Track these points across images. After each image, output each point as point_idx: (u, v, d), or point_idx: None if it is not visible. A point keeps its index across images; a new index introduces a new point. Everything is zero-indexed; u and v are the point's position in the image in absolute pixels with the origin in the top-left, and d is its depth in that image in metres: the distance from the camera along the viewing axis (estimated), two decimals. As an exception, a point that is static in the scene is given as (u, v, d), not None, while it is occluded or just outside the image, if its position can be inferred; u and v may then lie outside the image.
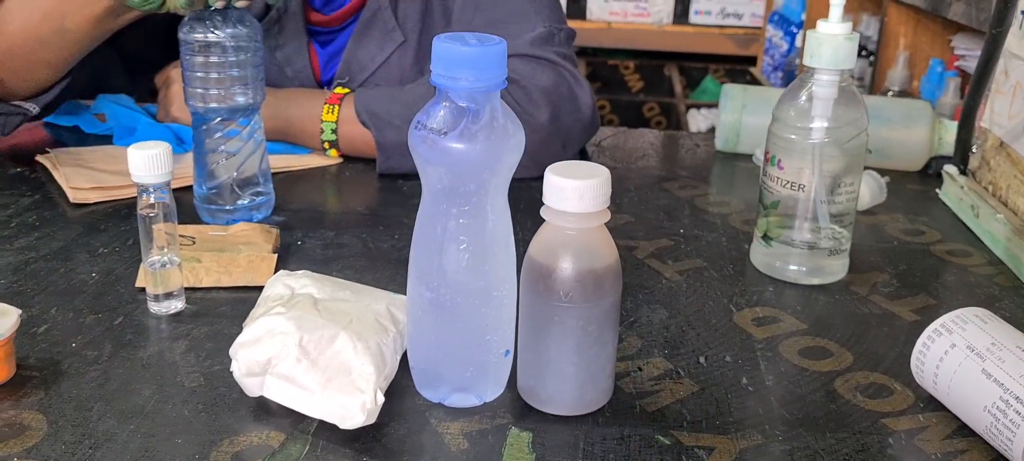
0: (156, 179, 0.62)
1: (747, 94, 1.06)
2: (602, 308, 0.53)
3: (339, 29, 1.05)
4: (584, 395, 0.55)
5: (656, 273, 0.76)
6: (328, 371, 0.52)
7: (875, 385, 0.60)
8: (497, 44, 0.51)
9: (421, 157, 0.52)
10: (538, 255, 0.53)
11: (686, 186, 0.97)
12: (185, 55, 0.76)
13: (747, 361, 0.63)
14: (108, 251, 0.75)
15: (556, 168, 0.52)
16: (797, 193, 0.72)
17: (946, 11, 1.46)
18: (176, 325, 0.64)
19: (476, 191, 0.52)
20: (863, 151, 0.72)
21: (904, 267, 0.79)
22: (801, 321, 0.68)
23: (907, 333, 0.67)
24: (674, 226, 0.86)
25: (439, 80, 0.50)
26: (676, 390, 0.59)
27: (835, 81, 0.70)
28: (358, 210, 0.87)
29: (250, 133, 0.80)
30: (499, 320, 0.54)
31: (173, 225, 0.65)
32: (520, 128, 0.53)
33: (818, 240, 0.73)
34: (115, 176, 0.88)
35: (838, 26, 0.70)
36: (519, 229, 0.55)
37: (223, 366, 0.59)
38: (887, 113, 1.01)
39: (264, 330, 0.54)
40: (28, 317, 0.64)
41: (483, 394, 0.56)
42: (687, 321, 0.68)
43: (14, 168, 0.94)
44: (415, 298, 0.55)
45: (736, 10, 3.44)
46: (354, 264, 0.75)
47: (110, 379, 0.57)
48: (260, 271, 0.70)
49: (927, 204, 0.94)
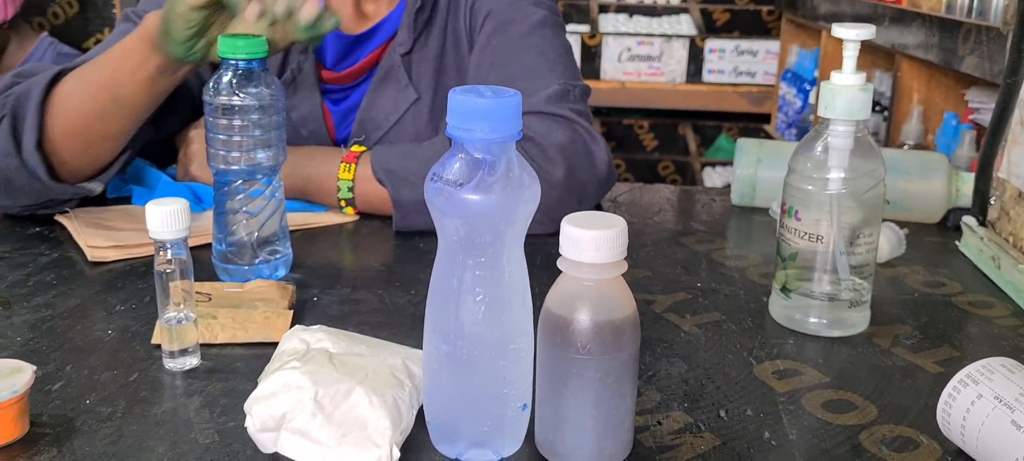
0: (173, 235, 0.62)
1: (762, 148, 1.06)
2: (621, 360, 0.52)
3: (352, 86, 1.06)
4: (603, 449, 0.54)
5: (674, 327, 0.75)
6: (343, 426, 0.52)
7: (901, 438, 0.59)
8: (512, 96, 0.51)
9: (437, 209, 0.51)
10: (555, 307, 0.53)
11: (703, 240, 0.97)
12: (209, 116, 0.77)
13: (769, 415, 0.61)
14: (125, 308, 0.75)
15: (572, 219, 0.52)
16: (816, 244, 0.72)
17: (959, 64, 1.46)
18: (191, 381, 0.64)
19: (492, 243, 0.51)
20: (881, 202, 0.72)
21: (926, 319, 0.78)
22: (823, 374, 0.67)
23: (932, 385, 0.66)
24: (691, 280, 0.85)
25: (455, 132, 0.51)
26: (697, 444, 0.58)
27: (851, 132, 0.70)
28: (374, 267, 0.87)
29: (272, 193, 0.80)
30: (517, 373, 0.54)
31: (189, 282, 0.65)
32: (536, 180, 0.53)
33: (838, 292, 0.72)
34: (133, 234, 0.88)
35: (852, 77, 0.70)
36: (535, 284, 0.55)
37: (238, 423, 0.58)
38: (904, 165, 1.01)
39: (279, 385, 0.53)
40: (43, 374, 0.64)
41: (500, 449, 0.55)
42: (706, 374, 0.67)
43: (33, 227, 0.95)
44: (431, 351, 0.54)
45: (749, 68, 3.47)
46: (370, 320, 0.74)
47: (123, 436, 0.57)
48: (276, 327, 0.70)
49: (947, 256, 0.93)
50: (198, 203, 0.97)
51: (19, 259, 0.86)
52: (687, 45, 3.46)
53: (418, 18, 1.03)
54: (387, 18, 1.06)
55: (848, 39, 0.70)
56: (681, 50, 3.45)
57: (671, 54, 3.46)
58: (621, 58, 3.45)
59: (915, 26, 1.71)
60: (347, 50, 1.06)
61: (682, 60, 3.47)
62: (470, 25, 1.06)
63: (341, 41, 1.05)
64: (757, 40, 3.47)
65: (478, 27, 1.04)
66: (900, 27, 1.79)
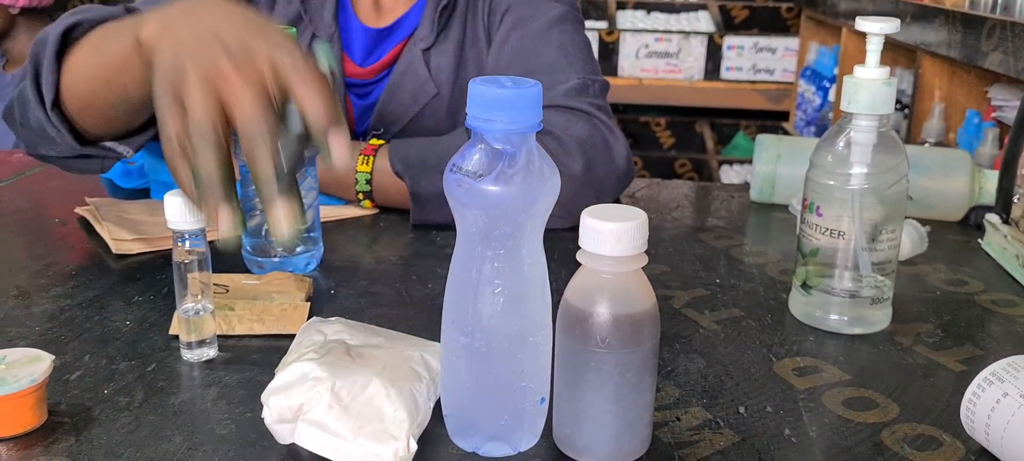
0: (192, 226, 0.62)
1: (782, 144, 1.05)
2: (640, 354, 0.52)
3: (374, 81, 1.06)
4: (622, 445, 0.54)
5: (693, 323, 0.74)
6: (360, 418, 0.51)
7: (923, 437, 0.58)
8: (533, 86, 0.51)
9: (456, 200, 0.51)
10: (574, 300, 0.52)
11: (721, 236, 0.96)
12: None
13: (789, 412, 0.61)
14: (143, 299, 0.75)
15: (592, 211, 0.51)
16: (837, 240, 0.71)
17: (982, 61, 1.44)
18: (208, 372, 0.64)
19: (512, 234, 0.51)
20: (904, 198, 0.71)
21: (948, 317, 0.77)
22: (844, 371, 0.67)
23: (954, 383, 0.65)
24: (710, 276, 0.84)
25: (475, 123, 0.50)
26: (716, 441, 0.57)
27: (874, 127, 0.69)
28: (391, 260, 0.87)
29: (309, 186, 0.80)
30: (535, 367, 0.53)
31: (207, 273, 0.65)
32: (556, 172, 0.52)
33: (860, 289, 0.72)
34: (156, 227, 0.89)
35: (875, 71, 0.69)
36: (554, 279, 0.54)
37: (254, 413, 0.58)
38: (926, 163, 1.00)
39: (296, 376, 0.53)
40: (61, 364, 0.64)
41: (518, 443, 0.55)
42: (725, 371, 0.66)
43: (52, 218, 0.95)
44: (449, 344, 0.54)
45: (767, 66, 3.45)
46: (387, 313, 0.74)
47: (141, 426, 0.57)
48: (293, 319, 0.70)
49: (969, 254, 0.92)
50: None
51: (38, 249, 0.87)
52: (705, 42, 3.45)
53: (441, 14, 1.03)
54: (408, 13, 1.06)
55: (872, 32, 0.69)
56: (699, 47, 3.44)
57: (689, 51, 3.44)
58: (639, 55, 3.44)
59: (937, 22, 1.69)
60: (371, 45, 1.06)
61: (700, 57, 3.45)
62: (488, 21, 1.05)
63: (366, 35, 1.05)
64: (776, 37, 3.45)
65: (496, 23, 1.04)
66: (922, 24, 1.78)
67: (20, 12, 2.18)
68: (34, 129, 0.84)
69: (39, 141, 0.86)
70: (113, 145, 0.87)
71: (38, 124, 0.84)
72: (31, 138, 0.86)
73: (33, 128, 0.84)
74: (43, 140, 0.86)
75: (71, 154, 0.86)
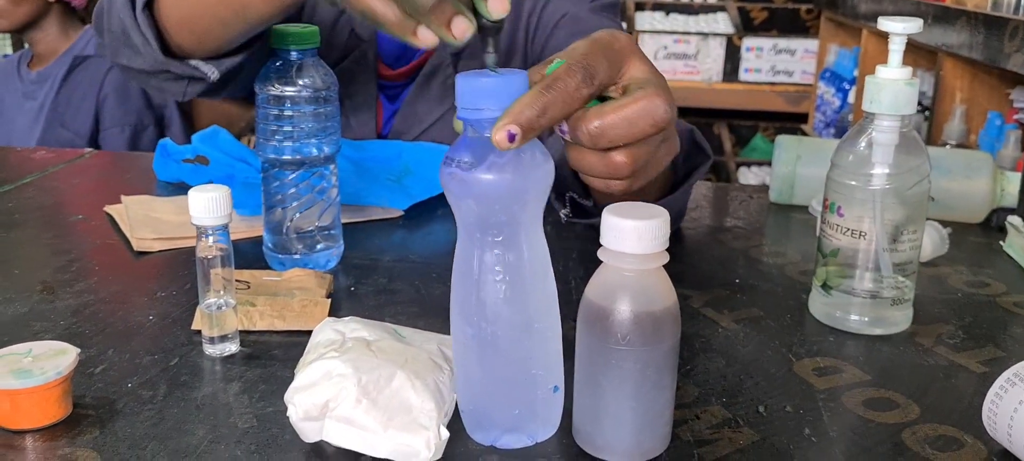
0: (215, 221, 0.63)
1: (802, 145, 1.05)
2: (661, 351, 0.52)
3: (405, 84, 1.06)
4: (641, 442, 0.54)
5: (712, 322, 0.74)
6: (389, 410, 0.52)
7: (944, 438, 0.58)
8: (518, 75, 0.51)
9: (452, 193, 0.52)
10: (595, 297, 0.52)
11: (740, 237, 0.96)
12: (260, 107, 0.77)
13: (809, 411, 0.61)
14: (165, 294, 0.76)
15: (614, 209, 0.51)
16: (858, 241, 0.71)
17: (1005, 62, 1.43)
18: (230, 367, 0.64)
19: (507, 222, 0.51)
20: (925, 198, 0.71)
21: (970, 319, 0.76)
22: (864, 372, 0.66)
23: (976, 385, 0.65)
24: (729, 276, 0.84)
25: (464, 114, 0.51)
26: (735, 439, 0.57)
27: (896, 127, 0.69)
28: (411, 258, 0.87)
29: (327, 184, 0.80)
30: (544, 354, 0.54)
31: (229, 269, 0.65)
32: (549, 158, 0.52)
33: (880, 289, 0.71)
34: (180, 227, 0.89)
35: (898, 71, 0.69)
36: (573, 276, 0.55)
37: (276, 408, 0.59)
38: (947, 164, 0.99)
39: (320, 373, 0.54)
40: (86, 357, 0.65)
41: (535, 434, 0.55)
42: (745, 370, 0.66)
43: (76, 215, 0.96)
44: (458, 337, 0.54)
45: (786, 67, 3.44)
46: (406, 310, 0.75)
47: (164, 419, 0.58)
48: (313, 316, 0.70)
49: (991, 256, 0.92)
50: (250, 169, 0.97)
51: (62, 245, 0.88)
52: (724, 44, 3.44)
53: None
54: None
55: (895, 32, 0.69)
56: (718, 48, 3.43)
57: (707, 52, 3.44)
58: (657, 56, 3.43)
59: (959, 24, 1.68)
60: (403, 47, 1.06)
61: (718, 58, 3.44)
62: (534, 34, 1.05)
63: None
64: (795, 39, 3.44)
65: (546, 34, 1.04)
66: (943, 25, 1.77)
67: (56, 1, 2.19)
68: (116, 34, 0.81)
69: (120, 47, 0.82)
70: (198, 64, 0.83)
71: (122, 28, 0.80)
72: (113, 45, 0.83)
73: (115, 33, 0.81)
74: (125, 47, 0.82)
75: (152, 67, 0.82)
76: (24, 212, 0.97)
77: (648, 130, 0.54)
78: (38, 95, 2.22)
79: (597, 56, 0.54)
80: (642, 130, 0.54)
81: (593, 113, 0.53)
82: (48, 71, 2.23)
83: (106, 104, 2.17)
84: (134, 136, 2.18)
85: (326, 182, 0.80)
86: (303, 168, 0.78)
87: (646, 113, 0.54)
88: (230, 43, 0.80)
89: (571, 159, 0.58)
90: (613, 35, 0.58)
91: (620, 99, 0.54)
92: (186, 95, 0.86)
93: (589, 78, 0.53)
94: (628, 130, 0.54)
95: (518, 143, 0.49)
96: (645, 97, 0.54)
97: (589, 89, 0.53)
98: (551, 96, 0.51)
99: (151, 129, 2.22)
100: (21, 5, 2.15)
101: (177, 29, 0.80)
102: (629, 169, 0.56)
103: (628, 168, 0.56)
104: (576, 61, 0.53)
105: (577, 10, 1.02)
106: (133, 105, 2.19)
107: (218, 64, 0.83)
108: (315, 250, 0.81)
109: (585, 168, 0.57)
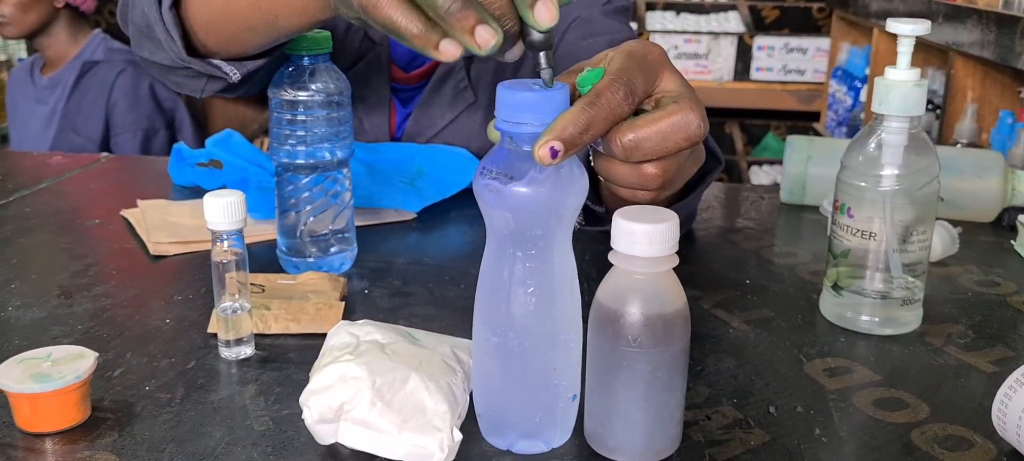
0: (230, 226, 0.64)
1: (813, 145, 1.05)
2: (671, 353, 0.52)
3: (418, 88, 1.07)
4: (652, 443, 0.54)
5: (723, 323, 0.75)
6: (403, 412, 0.53)
7: (954, 438, 0.58)
8: (560, 89, 0.51)
9: (486, 203, 0.52)
10: (606, 300, 0.53)
11: (751, 238, 0.96)
12: (273, 111, 0.77)
13: (820, 412, 0.61)
14: (182, 298, 0.77)
15: (625, 212, 0.52)
16: (868, 242, 0.71)
17: (1016, 61, 1.43)
18: (246, 370, 0.65)
19: (542, 235, 0.52)
20: (935, 199, 0.71)
21: (980, 318, 0.77)
22: (874, 372, 0.67)
23: (986, 385, 0.65)
24: (740, 277, 0.85)
25: (503, 126, 0.51)
26: (746, 439, 0.58)
27: (905, 128, 0.69)
28: (425, 261, 0.88)
29: (340, 188, 0.81)
30: (566, 364, 0.54)
31: (244, 273, 0.66)
32: (585, 173, 0.53)
33: (891, 290, 0.72)
34: (196, 230, 0.90)
35: (906, 72, 0.69)
36: (585, 280, 0.55)
37: (291, 410, 0.59)
38: (957, 163, 0.99)
39: (335, 376, 0.54)
40: (104, 361, 0.65)
41: (550, 440, 0.56)
42: (756, 371, 0.67)
43: (93, 220, 0.97)
44: (480, 344, 0.55)
45: (798, 66, 3.43)
46: (420, 313, 0.75)
47: (182, 422, 0.58)
48: (328, 319, 0.71)
49: (1001, 255, 0.92)
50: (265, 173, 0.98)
51: (79, 250, 0.89)
52: (735, 43, 3.43)
53: None
54: None
55: (903, 34, 0.69)
56: (729, 48, 3.43)
57: (718, 52, 3.43)
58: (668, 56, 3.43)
59: (970, 22, 1.68)
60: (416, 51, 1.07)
61: (730, 58, 3.44)
62: None
63: None
64: (807, 37, 3.43)
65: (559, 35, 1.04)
66: (954, 24, 1.76)
67: (64, 6, 2.20)
68: (140, 27, 0.80)
69: (143, 40, 0.82)
70: (220, 64, 0.83)
71: (145, 22, 0.79)
72: (136, 36, 0.82)
73: (139, 26, 0.80)
74: (148, 40, 0.81)
75: (173, 63, 0.82)
76: (41, 217, 0.99)
77: (682, 144, 0.54)
78: (50, 100, 2.23)
79: (635, 70, 0.55)
80: (676, 144, 0.54)
81: (627, 126, 0.54)
82: (59, 76, 2.24)
83: (116, 109, 2.18)
84: (145, 140, 2.19)
85: (339, 186, 0.81)
86: (316, 172, 0.79)
87: (680, 128, 0.54)
88: (256, 49, 0.80)
89: (600, 169, 0.58)
90: (646, 47, 0.58)
91: (654, 112, 0.54)
92: (204, 92, 0.86)
93: (630, 94, 0.53)
94: (662, 144, 0.54)
95: (560, 159, 0.50)
96: (680, 111, 0.54)
97: (630, 105, 0.54)
98: (594, 112, 0.51)
99: (162, 133, 2.23)
100: (30, 12, 2.17)
101: (203, 30, 0.80)
102: (660, 181, 0.56)
103: (659, 180, 0.56)
104: (616, 76, 0.53)
105: (589, 13, 1.03)
106: (144, 109, 2.20)
107: (240, 65, 0.83)
108: (329, 253, 0.82)
109: (615, 178, 0.57)
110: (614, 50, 0.57)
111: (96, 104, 2.18)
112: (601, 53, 0.59)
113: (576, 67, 0.59)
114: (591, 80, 0.54)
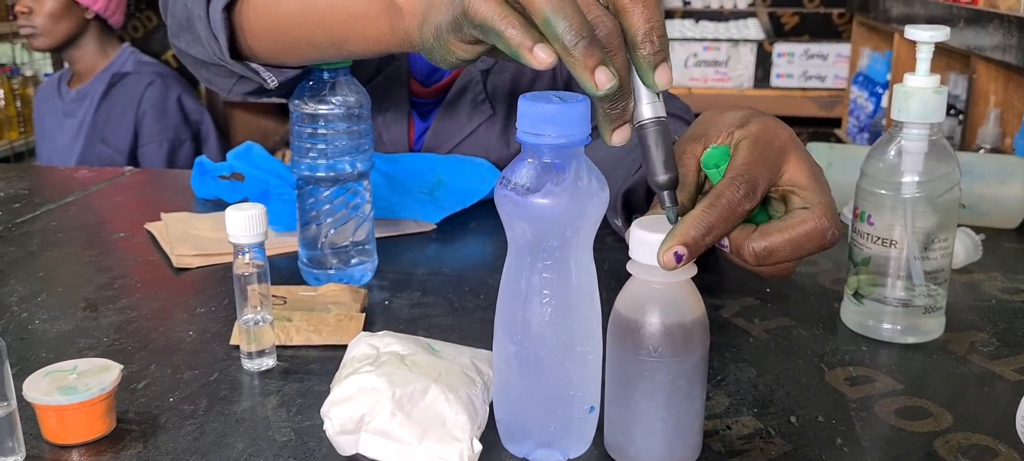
0: (252, 239, 0.64)
1: (833, 152, 1.05)
2: (691, 362, 0.52)
3: (437, 101, 1.08)
4: (672, 452, 0.54)
5: (742, 332, 0.74)
6: (423, 423, 0.53)
7: (978, 447, 0.58)
8: (581, 101, 0.52)
9: (506, 214, 0.52)
10: (625, 310, 0.53)
11: (772, 246, 0.96)
12: (294, 124, 0.78)
13: (841, 421, 0.61)
14: (205, 311, 0.78)
15: (642, 223, 0.52)
16: (889, 249, 0.71)
17: (1039, 66, 1.42)
18: (268, 381, 0.66)
19: (559, 247, 0.52)
20: (956, 206, 0.71)
21: (1004, 326, 0.76)
22: (897, 381, 0.66)
23: (1010, 393, 0.64)
24: (760, 285, 0.85)
25: (524, 137, 0.51)
26: (767, 449, 0.57)
27: (925, 135, 0.69)
28: (445, 272, 0.88)
29: (360, 200, 0.82)
30: (583, 376, 0.54)
31: (266, 285, 0.67)
32: (605, 186, 0.53)
33: (912, 298, 0.71)
34: (217, 243, 0.91)
35: (926, 79, 0.69)
36: (603, 290, 0.55)
37: (313, 422, 0.60)
38: (980, 169, 0.99)
39: (356, 388, 0.55)
40: (128, 373, 0.66)
41: (567, 450, 0.56)
42: (776, 380, 0.66)
43: (117, 233, 0.98)
44: (500, 351, 0.55)
45: (819, 72, 3.41)
46: (440, 323, 0.76)
47: (205, 433, 0.59)
48: (349, 330, 0.71)
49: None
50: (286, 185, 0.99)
51: (104, 263, 0.90)
52: (755, 50, 3.42)
53: None
54: None
55: (922, 41, 0.69)
56: (748, 55, 3.42)
57: (738, 59, 3.42)
58: (687, 64, 3.43)
59: (992, 27, 1.67)
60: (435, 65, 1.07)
61: (750, 65, 3.43)
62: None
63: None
64: (827, 43, 3.42)
65: None
66: (976, 28, 1.75)
67: (94, 18, 2.23)
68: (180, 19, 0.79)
69: (181, 32, 0.81)
70: (259, 69, 0.81)
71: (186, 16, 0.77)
72: (174, 27, 0.81)
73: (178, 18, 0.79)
74: (186, 33, 0.80)
75: (209, 59, 0.80)
76: (67, 230, 1.00)
77: (813, 251, 0.55)
78: (78, 113, 2.26)
79: (758, 165, 0.55)
80: (808, 251, 0.55)
81: (759, 234, 0.54)
82: (87, 89, 2.27)
83: (144, 120, 2.21)
84: (172, 151, 2.22)
85: (360, 198, 0.82)
86: (337, 185, 0.80)
87: (814, 238, 0.55)
88: (310, 63, 0.78)
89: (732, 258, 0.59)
90: (773, 131, 0.58)
91: (787, 220, 0.55)
92: (232, 92, 0.85)
93: (752, 192, 0.54)
94: (794, 252, 0.55)
95: (684, 264, 0.51)
96: (813, 220, 0.55)
97: (751, 204, 0.54)
98: (716, 215, 0.52)
99: (188, 144, 2.26)
100: (61, 23, 2.20)
101: (256, 36, 0.78)
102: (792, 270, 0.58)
103: (792, 270, 0.58)
104: (739, 173, 0.54)
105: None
106: (171, 121, 2.23)
107: (279, 72, 0.81)
108: (350, 265, 0.83)
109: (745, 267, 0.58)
110: (740, 128, 0.57)
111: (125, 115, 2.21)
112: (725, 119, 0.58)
113: (698, 133, 0.58)
114: (715, 160, 0.54)
